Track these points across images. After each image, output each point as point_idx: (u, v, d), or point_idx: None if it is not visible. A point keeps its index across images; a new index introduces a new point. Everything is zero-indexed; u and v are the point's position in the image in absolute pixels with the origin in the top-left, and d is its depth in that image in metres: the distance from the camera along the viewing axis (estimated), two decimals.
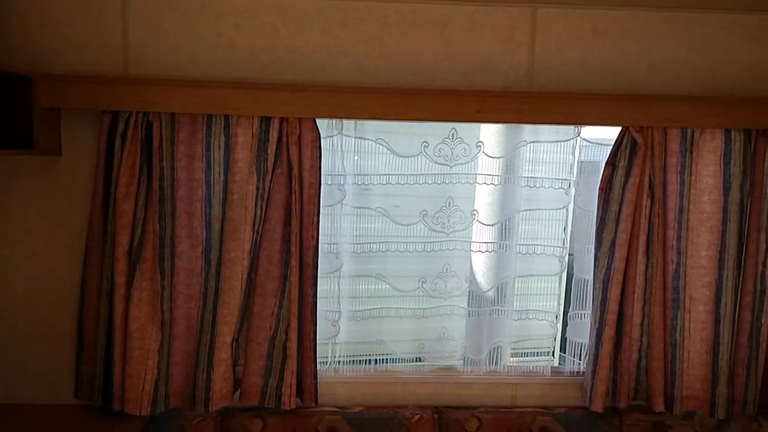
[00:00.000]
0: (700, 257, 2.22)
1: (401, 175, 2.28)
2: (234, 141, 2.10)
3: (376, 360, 2.40)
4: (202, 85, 2.07)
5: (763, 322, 2.23)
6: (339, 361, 2.37)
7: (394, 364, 2.40)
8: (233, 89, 2.06)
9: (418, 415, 2.26)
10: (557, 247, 2.40)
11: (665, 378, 2.27)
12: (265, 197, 2.13)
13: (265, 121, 2.10)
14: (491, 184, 2.32)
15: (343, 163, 2.25)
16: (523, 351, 2.53)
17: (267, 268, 2.18)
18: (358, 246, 2.32)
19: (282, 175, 2.14)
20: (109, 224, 2.08)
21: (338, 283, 2.32)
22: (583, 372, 2.38)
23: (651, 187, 2.20)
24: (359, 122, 2.22)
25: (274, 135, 2.10)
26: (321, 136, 2.14)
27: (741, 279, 2.22)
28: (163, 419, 2.18)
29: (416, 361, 2.41)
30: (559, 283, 2.47)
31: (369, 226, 2.33)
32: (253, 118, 2.09)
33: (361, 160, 2.28)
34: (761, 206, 2.20)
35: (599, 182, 2.23)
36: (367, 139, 2.25)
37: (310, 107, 2.08)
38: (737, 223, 2.19)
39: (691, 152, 2.18)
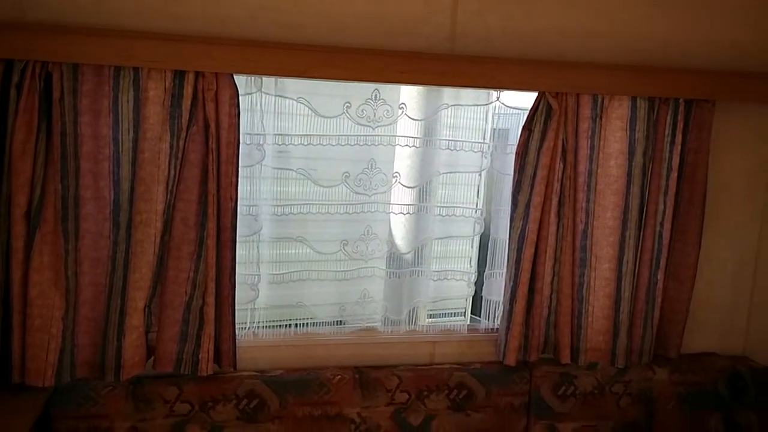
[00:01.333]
0: (606, 218, 2.35)
1: (323, 135, 2.24)
2: (144, 96, 1.97)
3: (296, 324, 2.37)
4: (108, 33, 1.91)
5: (659, 278, 2.41)
6: (259, 326, 2.32)
7: (315, 327, 2.38)
8: (143, 40, 1.92)
9: (339, 376, 2.27)
10: (474, 209, 2.46)
11: (572, 332, 2.41)
12: (180, 156, 2.02)
13: (179, 75, 1.98)
14: (412, 146, 2.33)
15: (262, 123, 2.18)
16: (441, 311, 2.60)
17: (182, 231, 2.08)
18: (279, 208, 2.26)
19: (198, 134, 2.04)
20: (3, 184, 1.90)
21: (257, 247, 2.26)
22: (498, 329, 2.48)
23: (564, 151, 2.29)
24: (280, 80, 2.15)
25: (188, 90, 1.99)
26: (239, 93, 2.05)
27: (641, 238, 2.38)
28: (70, 390, 2.07)
29: (337, 324, 2.41)
30: (472, 245, 2.54)
31: (290, 188, 2.28)
32: (165, 71, 1.97)
33: (282, 120, 2.21)
34: (661, 170, 2.35)
35: (516, 146, 2.29)
36: (288, 98, 2.18)
37: (228, 62, 1.99)
38: (639, 186, 2.33)
39: (601, 118, 2.29)
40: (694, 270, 2.44)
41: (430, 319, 2.57)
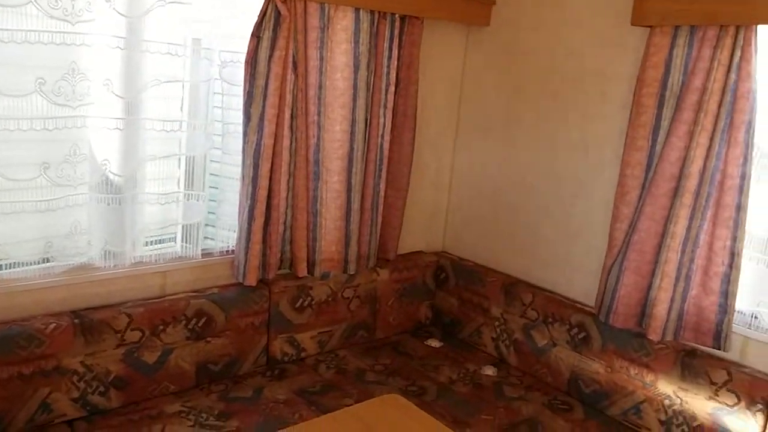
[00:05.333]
0: (335, 131, 2.38)
1: (2, 30, 1.74)
2: None
3: None
4: None
5: (381, 187, 2.57)
6: None
7: (13, 269, 1.94)
8: None
9: (54, 324, 1.91)
10: (183, 122, 2.22)
11: (308, 246, 2.45)
12: None
13: None
14: (117, 47, 1.97)
15: None
16: (165, 237, 2.35)
17: None
18: None
19: None
20: None
21: None
22: (233, 250, 2.37)
23: (295, 62, 2.22)
24: None
25: None
26: None
27: (366, 150, 2.49)
28: None
29: (44, 263, 1.99)
30: (182, 164, 2.31)
31: None
32: None
33: None
34: (381, 84, 2.46)
35: (245, 55, 2.13)
36: None
37: None
38: (365, 99, 2.41)
39: (328, 29, 2.27)
40: (408, 178, 2.68)
41: (151, 246, 2.31)
